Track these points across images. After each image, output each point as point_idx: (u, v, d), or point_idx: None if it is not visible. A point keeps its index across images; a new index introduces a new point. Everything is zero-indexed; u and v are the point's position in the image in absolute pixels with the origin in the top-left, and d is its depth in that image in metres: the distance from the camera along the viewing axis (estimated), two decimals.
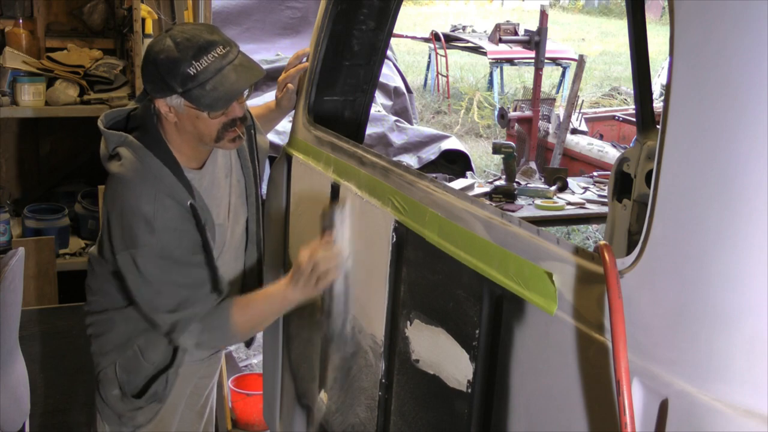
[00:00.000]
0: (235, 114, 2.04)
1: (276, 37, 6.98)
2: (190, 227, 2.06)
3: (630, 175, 2.89)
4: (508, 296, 1.49)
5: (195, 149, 2.12)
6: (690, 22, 1.13)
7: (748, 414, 1.07)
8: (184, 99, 1.97)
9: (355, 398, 2.10)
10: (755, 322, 1.07)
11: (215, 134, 2.04)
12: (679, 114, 1.14)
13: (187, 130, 2.05)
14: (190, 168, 2.13)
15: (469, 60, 14.16)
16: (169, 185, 2.03)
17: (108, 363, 2.25)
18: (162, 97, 1.99)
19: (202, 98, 1.95)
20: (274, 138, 5.77)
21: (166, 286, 2.05)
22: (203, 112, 1.99)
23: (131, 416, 2.27)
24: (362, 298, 2.06)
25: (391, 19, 2.50)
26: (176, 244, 2.04)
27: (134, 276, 2.05)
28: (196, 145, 2.10)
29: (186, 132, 2.06)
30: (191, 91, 1.94)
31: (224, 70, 1.95)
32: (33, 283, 3.36)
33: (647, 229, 1.19)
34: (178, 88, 1.94)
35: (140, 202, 2.00)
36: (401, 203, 1.87)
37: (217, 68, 1.94)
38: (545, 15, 7.48)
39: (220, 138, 2.05)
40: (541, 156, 7.07)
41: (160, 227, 2.00)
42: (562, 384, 1.36)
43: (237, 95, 2.01)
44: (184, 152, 2.10)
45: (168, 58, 1.93)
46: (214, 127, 2.03)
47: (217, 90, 1.95)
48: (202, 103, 1.96)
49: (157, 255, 2.02)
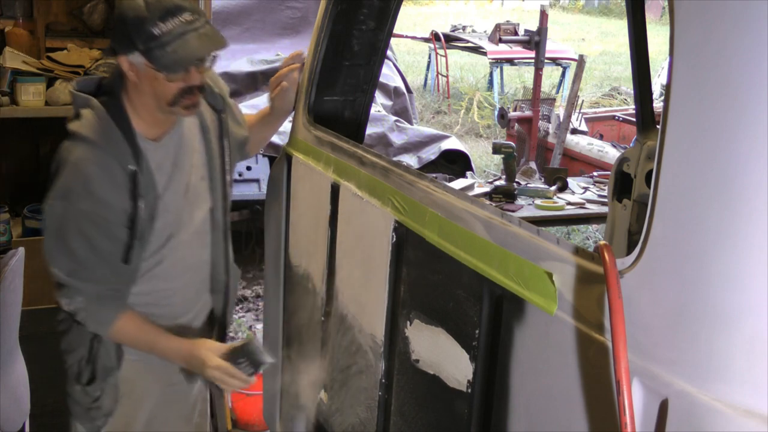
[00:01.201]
0: (193, 81, 2.08)
1: (276, 37, 6.97)
2: (124, 194, 2.08)
3: (630, 175, 2.89)
4: (508, 296, 1.49)
5: (153, 115, 2.14)
6: (690, 22, 1.13)
7: (748, 414, 1.07)
8: (145, 58, 2.01)
9: (355, 398, 2.10)
10: (755, 322, 1.07)
11: (171, 98, 2.07)
12: (679, 114, 1.14)
13: (145, 91, 2.08)
14: (148, 138, 2.15)
15: (469, 60, 14.16)
16: (116, 147, 2.07)
17: (74, 360, 2.27)
18: (125, 54, 2.04)
19: (162, 59, 2.00)
20: (274, 138, 5.77)
21: (75, 248, 2.09)
22: (161, 74, 2.03)
23: (97, 406, 2.27)
24: (362, 298, 2.06)
25: (391, 19, 2.50)
26: (104, 210, 2.07)
27: (51, 225, 2.11)
28: (153, 111, 2.12)
29: (144, 93, 2.09)
30: (153, 50, 1.99)
31: (188, 35, 2.00)
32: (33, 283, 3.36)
33: (647, 229, 1.19)
34: (140, 46, 2.00)
35: (85, 160, 2.06)
36: (401, 203, 1.87)
37: (180, 32, 2.00)
38: (545, 15, 7.48)
39: (175, 103, 2.08)
40: (541, 156, 7.07)
41: (96, 188, 2.05)
42: (562, 384, 1.36)
43: (195, 61, 2.05)
44: (142, 117, 2.13)
45: (136, 16, 1.99)
46: (170, 91, 2.06)
47: (177, 53, 2.00)
48: (161, 63, 2.01)
49: (81, 215, 2.06)
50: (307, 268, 2.39)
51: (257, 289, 5.51)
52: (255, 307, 5.35)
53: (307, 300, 2.38)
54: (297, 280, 2.46)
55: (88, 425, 2.31)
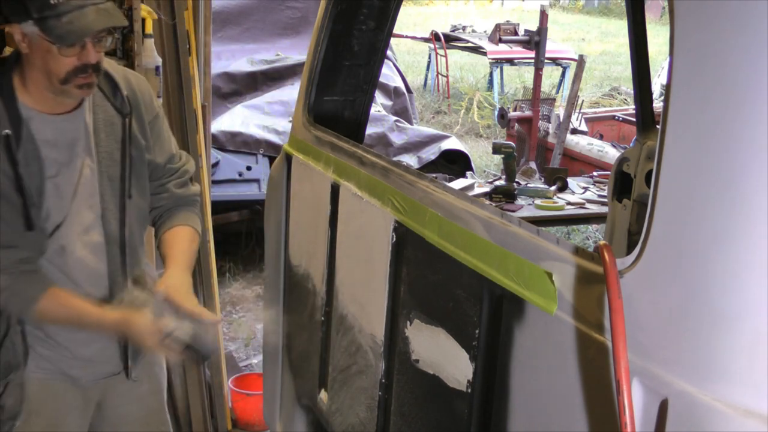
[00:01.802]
0: (89, 59, 1.96)
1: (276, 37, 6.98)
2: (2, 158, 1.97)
3: (630, 175, 2.89)
4: (508, 296, 1.49)
5: (42, 93, 2.02)
6: (690, 22, 1.13)
7: (748, 414, 1.07)
8: (38, 28, 1.91)
9: (355, 398, 2.10)
10: (755, 322, 1.07)
11: (63, 75, 1.96)
12: (679, 114, 1.14)
13: (37, 65, 1.97)
14: (35, 108, 2.03)
15: (469, 60, 14.17)
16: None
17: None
18: (17, 22, 1.93)
19: (55, 29, 1.90)
20: (274, 138, 5.79)
21: None
22: (54, 46, 1.92)
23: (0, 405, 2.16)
24: (362, 298, 2.06)
25: (391, 19, 2.50)
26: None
27: None
28: (43, 88, 2.01)
29: (35, 68, 1.98)
30: (47, 20, 1.89)
31: (86, 8, 1.91)
32: None
33: (647, 229, 1.19)
34: (34, 14, 1.90)
35: None
36: (401, 203, 1.87)
37: (78, 5, 1.90)
38: (545, 15, 7.48)
39: (67, 80, 1.97)
40: (541, 156, 7.07)
41: None
42: (562, 384, 1.36)
43: (90, 33, 1.93)
44: (31, 93, 2.02)
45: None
46: (63, 67, 1.95)
47: (72, 24, 1.90)
48: (54, 33, 1.90)
49: None
50: (307, 268, 2.39)
51: (257, 289, 5.52)
52: (255, 307, 5.35)
53: (307, 300, 2.38)
54: (297, 280, 2.46)
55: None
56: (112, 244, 2.16)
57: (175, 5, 3.40)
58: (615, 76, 14.39)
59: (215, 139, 5.50)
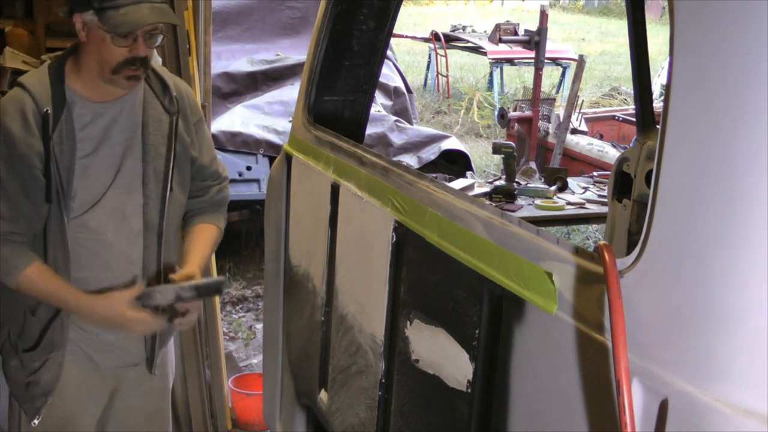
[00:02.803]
0: (139, 52, 2.12)
1: (276, 37, 6.98)
2: (35, 133, 2.11)
3: (630, 175, 2.89)
4: (508, 296, 1.49)
5: (93, 80, 2.18)
6: (690, 22, 1.13)
7: (748, 414, 1.07)
8: (97, 18, 2.08)
9: (355, 398, 2.10)
10: (755, 322, 1.07)
11: (115, 64, 2.11)
12: (679, 114, 1.14)
13: (92, 53, 2.14)
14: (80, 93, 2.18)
15: (469, 60, 14.17)
16: (39, 91, 2.13)
17: (4, 337, 2.27)
18: (80, 12, 2.10)
19: (111, 19, 2.06)
20: (274, 138, 5.79)
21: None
22: (109, 35, 2.08)
23: (35, 380, 2.25)
24: (362, 298, 2.06)
25: (391, 19, 2.50)
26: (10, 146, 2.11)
27: None
28: (95, 75, 2.16)
29: (89, 54, 2.14)
30: (105, 11, 2.06)
31: (142, 4, 2.08)
32: None
33: (647, 229, 1.19)
34: (95, 4, 2.07)
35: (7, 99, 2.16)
36: (401, 203, 1.87)
37: (135, 0, 2.08)
38: (545, 15, 7.48)
39: (117, 71, 2.12)
40: (541, 156, 7.07)
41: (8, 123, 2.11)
42: (562, 384, 1.36)
43: (143, 25, 2.09)
44: (82, 78, 2.18)
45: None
46: (115, 57, 2.11)
47: (127, 16, 2.07)
48: (110, 23, 2.07)
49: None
50: (307, 268, 2.39)
51: (257, 289, 5.52)
52: (255, 307, 5.35)
53: (307, 300, 2.38)
54: (297, 280, 2.46)
55: (28, 405, 2.28)
56: (151, 232, 2.29)
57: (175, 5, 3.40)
58: (615, 76, 14.39)
59: (215, 139, 5.49)
